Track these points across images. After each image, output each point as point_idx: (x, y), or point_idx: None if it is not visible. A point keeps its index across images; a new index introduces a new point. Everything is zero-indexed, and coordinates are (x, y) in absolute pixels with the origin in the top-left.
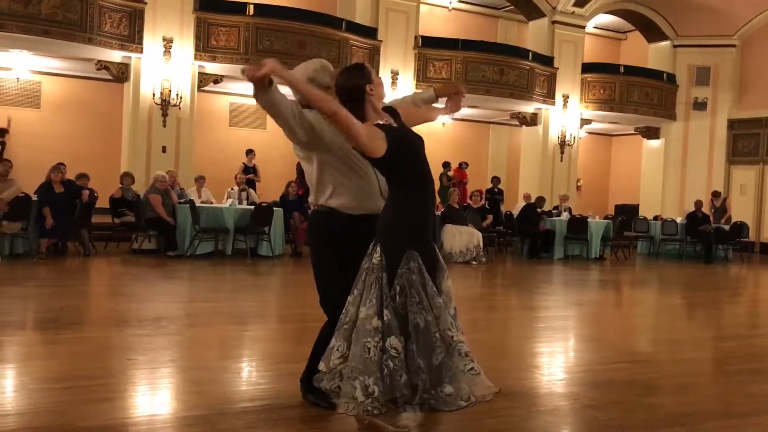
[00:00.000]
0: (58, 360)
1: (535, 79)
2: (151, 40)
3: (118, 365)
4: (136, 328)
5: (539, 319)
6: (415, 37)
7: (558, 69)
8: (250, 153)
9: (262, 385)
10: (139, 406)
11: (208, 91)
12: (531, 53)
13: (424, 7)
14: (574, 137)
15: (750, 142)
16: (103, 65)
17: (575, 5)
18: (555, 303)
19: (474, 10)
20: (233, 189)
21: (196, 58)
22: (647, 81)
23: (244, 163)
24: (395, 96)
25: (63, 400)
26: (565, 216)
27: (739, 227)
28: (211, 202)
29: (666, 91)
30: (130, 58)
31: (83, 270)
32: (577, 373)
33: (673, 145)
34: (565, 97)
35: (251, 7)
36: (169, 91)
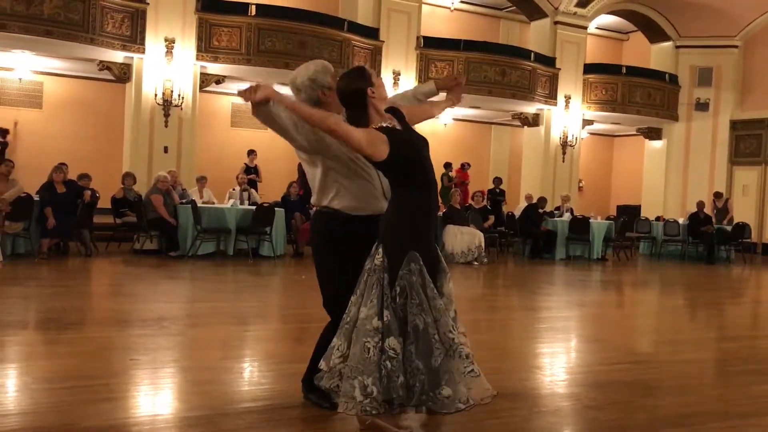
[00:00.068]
0: (60, 360)
1: (537, 79)
2: (153, 41)
3: (120, 365)
4: (137, 329)
5: (541, 319)
6: (417, 37)
7: (560, 69)
8: (251, 153)
9: (263, 385)
10: (141, 406)
11: (209, 92)
12: (533, 54)
13: (425, 8)
14: (576, 138)
15: (752, 142)
16: (105, 66)
17: (577, 6)
18: (557, 304)
19: (476, 10)
20: (235, 189)
21: (197, 59)
22: (649, 82)
23: (245, 164)
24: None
25: (65, 400)
26: (566, 217)
27: (741, 228)
28: (213, 203)
29: (668, 91)
30: (132, 58)
31: (85, 270)
32: (579, 373)
33: (676, 146)
34: (567, 98)
35: (253, 7)
36: (171, 91)
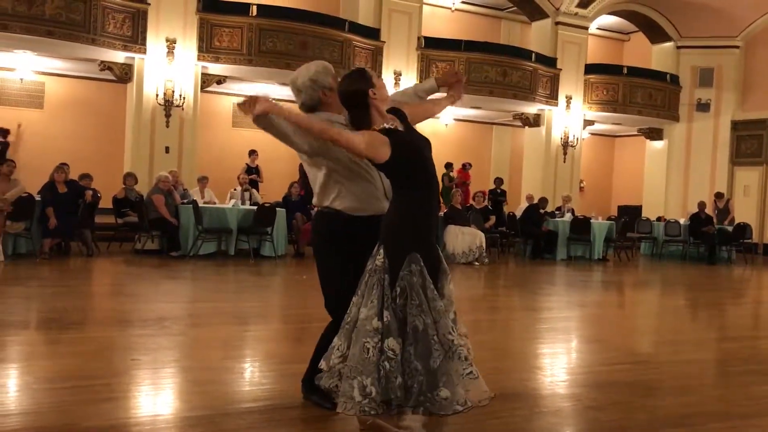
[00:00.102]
0: (62, 360)
1: (538, 80)
2: (155, 41)
3: (121, 365)
4: (139, 329)
5: (542, 320)
6: (418, 38)
7: (561, 70)
8: (252, 153)
9: (264, 385)
10: (142, 406)
11: (211, 92)
12: (534, 54)
13: (426, 8)
14: (577, 138)
15: (753, 143)
16: (106, 66)
17: (578, 6)
18: (558, 304)
19: (477, 11)
20: (236, 189)
21: (199, 59)
22: (650, 82)
23: (246, 164)
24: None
25: (66, 399)
26: (567, 217)
27: (743, 228)
28: (214, 203)
29: (669, 92)
30: (134, 58)
31: (86, 270)
32: (580, 374)
33: (677, 147)
34: (568, 98)
35: (254, 8)
36: (172, 91)
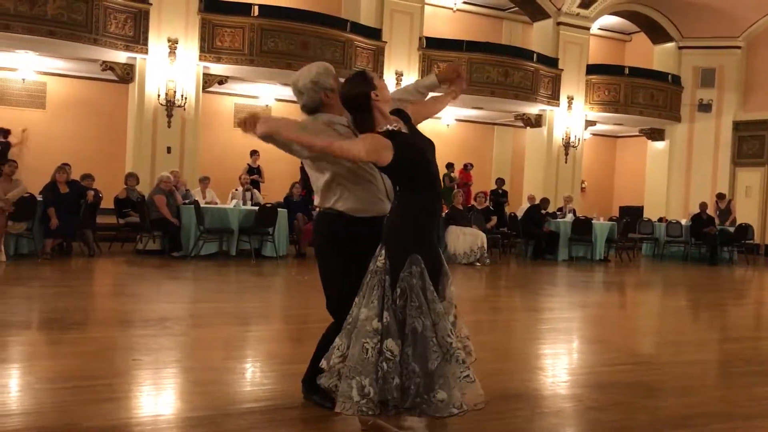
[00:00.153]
0: (63, 360)
1: (539, 80)
2: (156, 41)
3: (123, 365)
4: (140, 329)
5: (543, 320)
6: (420, 38)
7: (563, 70)
8: (254, 154)
9: (266, 385)
10: (144, 406)
11: (212, 92)
12: (536, 54)
13: (428, 8)
14: (579, 139)
15: (755, 143)
16: (108, 66)
17: (580, 6)
18: (559, 305)
19: (478, 11)
20: (237, 190)
21: (200, 59)
22: (652, 83)
23: (248, 164)
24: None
25: (67, 400)
26: (569, 217)
27: (744, 229)
28: (216, 203)
29: (671, 92)
30: (135, 59)
31: (88, 270)
32: (581, 374)
33: (678, 147)
34: (570, 99)
35: (256, 8)
36: (174, 92)
